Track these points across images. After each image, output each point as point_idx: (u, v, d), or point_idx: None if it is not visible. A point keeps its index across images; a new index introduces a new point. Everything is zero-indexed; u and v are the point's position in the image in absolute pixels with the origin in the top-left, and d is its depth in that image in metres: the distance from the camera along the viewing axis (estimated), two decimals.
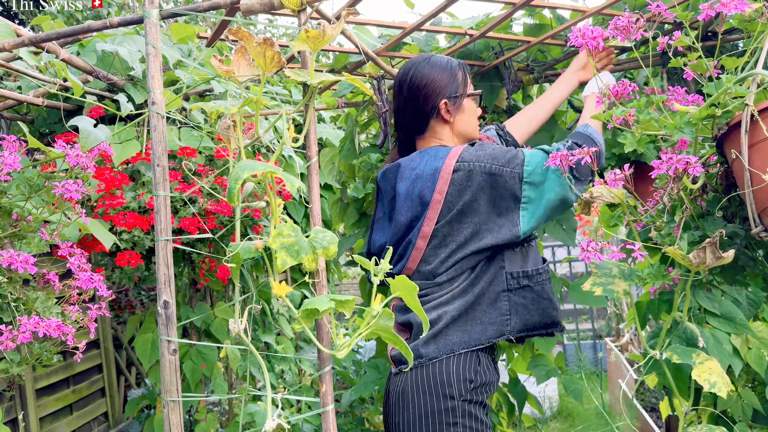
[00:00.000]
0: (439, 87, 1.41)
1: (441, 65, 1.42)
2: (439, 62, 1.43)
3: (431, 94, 1.41)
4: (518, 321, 1.37)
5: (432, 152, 1.38)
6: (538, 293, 1.39)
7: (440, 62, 1.43)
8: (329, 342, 0.99)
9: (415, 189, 1.36)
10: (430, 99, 1.41)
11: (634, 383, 3.48)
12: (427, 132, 1.45)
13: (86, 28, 1.18)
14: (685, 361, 1.13)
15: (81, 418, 3.19)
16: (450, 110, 1.42)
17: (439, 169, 1.33)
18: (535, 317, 1.39)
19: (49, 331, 1.14)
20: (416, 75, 1.43)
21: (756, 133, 0.94)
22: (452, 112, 1.43)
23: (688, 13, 1.18)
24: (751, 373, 1.46)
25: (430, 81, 1.41)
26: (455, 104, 1.43)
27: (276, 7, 1.06)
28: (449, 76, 1.42)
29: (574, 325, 6.13)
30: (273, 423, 0.82)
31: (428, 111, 1.42)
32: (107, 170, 1.68)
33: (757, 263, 1.11)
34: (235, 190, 0.86)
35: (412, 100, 1.43)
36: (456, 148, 1.36)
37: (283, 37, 7.10)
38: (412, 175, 1.38)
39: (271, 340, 2.62)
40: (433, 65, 1.42)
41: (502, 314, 1.36)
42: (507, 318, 1.36)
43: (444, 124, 1.44)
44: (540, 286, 1.40)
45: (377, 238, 1.49)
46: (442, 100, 1.41)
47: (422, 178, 1.35)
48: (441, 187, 1.32)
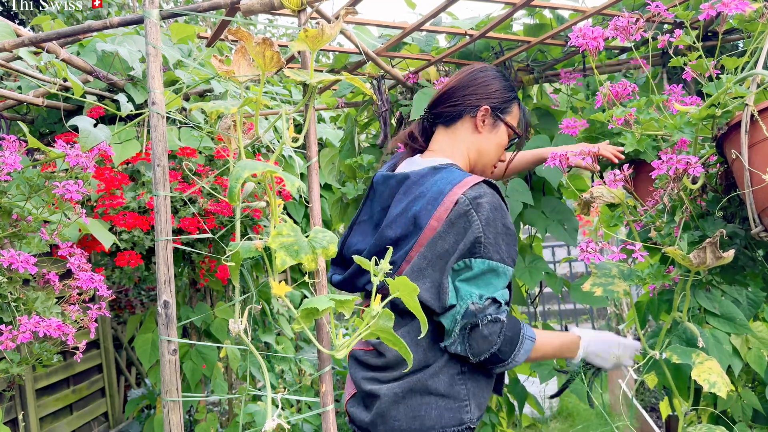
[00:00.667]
0: (492, 92, 1.35)
1: (506, 83, 1.38)
2: (505, 79, 1.39)
3: (482, 92, 1.35)
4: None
5: (446, 174, 1.27)
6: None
7: (505, 79, 1.39)
8: (329, 342, 0.99)
9: (412, 207, 1.25)
10: (477, 95, 1.34)
11: (634, 383, 3.48)
12: (451, 127, 1.37)
13: (86, 28, 1.18)
14: (685, 361, 1.13)
15: (81, 418, 3.19)
16: (485, 121, 1.35)
17: (445, 194, 1.22)
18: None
19: (49, 331, 1.14)
20: (484, 70, 1.37)
21: (756, 133, 0.94)
22: (487, 124, 1.35)
23: (689, 13, 1.18)
24: (751, 373, 1.46)
25: (489, 82, 1.35)
26: (494, 120, 1.36)
27: (276, 7, 1.06)
28: (506, 94, 1.36)
29: (575, 325, 6.12)
30: (273, 423, 0.82)
31: (464, 106, 1.35)
32: (107, 170, 1.68)
33: (757, 263, 1.12)
34: (236, 189, 0.86)
35: (462, 87, 1.36)
36: (472, 178, 1.24)
37: (283, 37, 7.10)
38: (417, 191, 1.27)
39: (271, 340, 2.62)
40: (499, 77, 1.38)
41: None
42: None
43: (473, 131, 1.36)
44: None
45: (355, 241, 1.38)
46: (486, 105, 1.34)
47: (424, 197, 1.25)
48: (440, 214, 1.21)
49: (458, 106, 1.35)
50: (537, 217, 1.90)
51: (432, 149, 1.38)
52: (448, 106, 1.36)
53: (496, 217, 1.20)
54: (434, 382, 1.22)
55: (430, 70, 2.00)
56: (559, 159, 1.20)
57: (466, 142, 1.36)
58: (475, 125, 1.35)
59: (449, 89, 1.37)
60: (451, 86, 1.37)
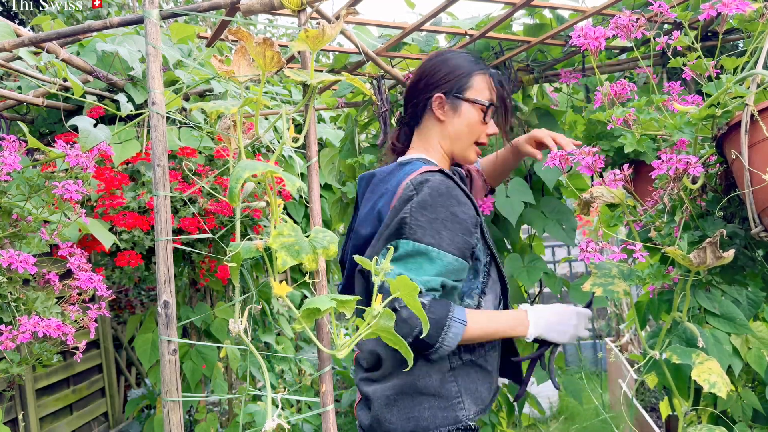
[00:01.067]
0: (439, 79, 1.32)
1: (454, 61, 1.33)
2: (455, 57, 1.34)
3: (431, 82, 1.32)
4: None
5: (410, 167, 1.28)
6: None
7: (456, 58, 1.34)
8: (329, 342, 0.99)
9: (378, 204, 1.27)
10: (428, 88, 1.33)
11: (634, 383, 3.48)
12: (420, 125, 1.37)
13: (86, 28, 1.18)
14: (685, 361, 1.13)
15: (81, 418, 3.19)
16: (444, 107, 1.32)
17: (400, 184, 1.23)
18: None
19: (49, 331, 1.14)
20: (428, 63, 1.35)
21: (756, 133, 0.94)
22: (447, 110, 1.32)
23: (688, 13, 1.18)
24: (751, 373, 1.46)
25: (432, 71, 1.33)
26: (453, 103, 1.32)
27: (276, 7, 1.06)
28: (456, 72, 1.32)
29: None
30: (273, 423, 0.82)
31: (422, 101, 1.34)
32: (107, 170, 1.68)
33: (757, 263, 1.12)
34: (236, 189, 0.86)
35: (414, 85, 1.36)
36: (429, 167, 1.25)
37: (283, 37, 7.10)
38: (382, 188, 1.28)
39: (271, 340, 2.62)
40: (447, 59, 1.34)
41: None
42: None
43: (436, 122, 1.34)
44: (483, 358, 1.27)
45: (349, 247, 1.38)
46: (437, 94, 1.32)
47: (387, 193, 1.26)
48: (393, 203, 1.22)
49: (417, 105, 1.35)
50: (536, 216, 1.89)
51: (411, 150, 1.39)
52: (410, 108, 1.38)
53: (436, 202, 1.18)
54: (424, 382, 1.21)
55: None
56: (559, 159, 1.20)
57: (435, 134, 1.35)
58: (436, 117, 1.34)
59: (407, 91, 1.39)
60: (408, 87, 1.39)
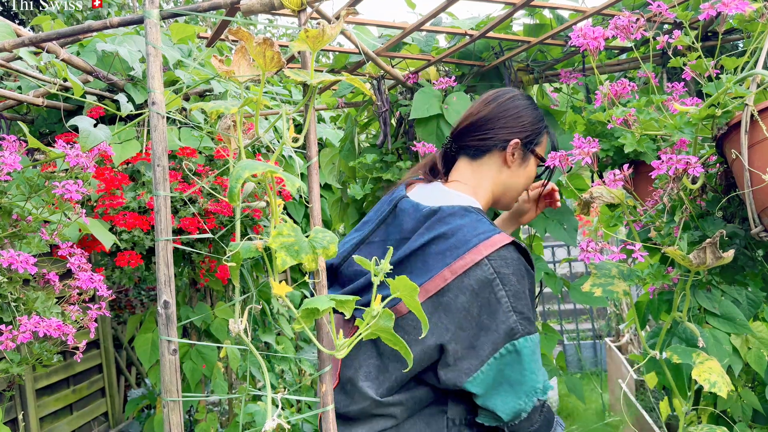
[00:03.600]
0: (524, 124, 1.25)
1: (537, 111, 1.29)
2: (535, 107, 1.29)
3: (513, 125, 1.25)
4: None
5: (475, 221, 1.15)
6: None
7: (535, 106, 1.30)
8: (329, 342, 0.99)
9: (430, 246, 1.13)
10: (508, 129, 1.25)
11: (634, 383, 3.48)
12: (477, 160, 1.27)
13: (86, 28, 1.18)
14: (685, 361, 1.13)
15: (81, 418, 3.19)
16: (515, 154, 1.26)
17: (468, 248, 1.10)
18: None
19: (49, 331, 1.14)
20: (514, 100, 1.27)
21: (756, 133, 0.94)
22: (516, 158, 1.26)
23: (688, 13, 1.18)
24: (751, 373, 1.46)
25: (521, 113, 1.26)
26: (524, 153, 1.26)
27: (276, 7, 1.06)
28: (537, 125, 1.27)
29: (574, 325, 6.13)
30: (273, 423, 0.82)
31: (496, 140, 1.25)
32: (107, 170, 1.68)
33: (757, 263, 1.12)
34: (236, 189, 0.86)
35: (492, 119, 1.25)
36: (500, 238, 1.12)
37: (283, 37, 7.10)
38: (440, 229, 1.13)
39: (271, 340, 2.62)
40: (531, 106, 1.28)
41: None
42: None
43: (501, 165, 1.26)
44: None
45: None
46: (517, 139, 1.24)
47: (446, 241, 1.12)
48: (456, 268, 1.09)
49: (488, 141, 1.25)
50: (536, 217, 1.90)
51: (455, 179, 1.28)
52: (477, 140, 1.26)
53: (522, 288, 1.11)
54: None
55: (430, 70, 2.01)
56: (559, 159, 1.20)
57: (493, 176, 1.27)
58: (504, 159, 1.26)
59: (477, 120, 1.27)
60: (480, 117, 1.27)
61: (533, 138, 1.26)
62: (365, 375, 1.15)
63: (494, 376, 1.08)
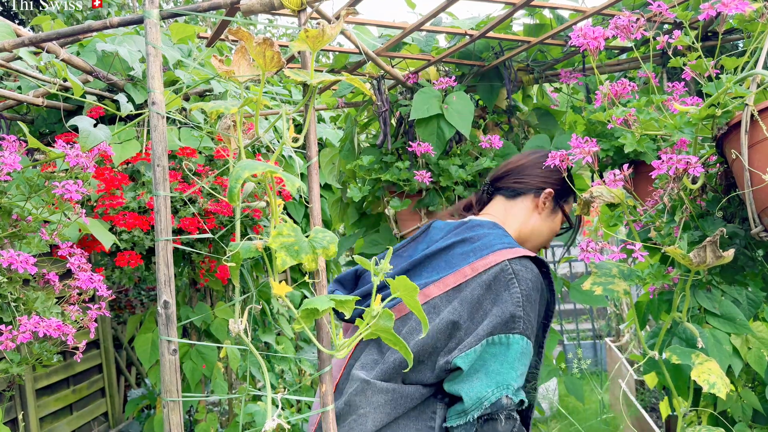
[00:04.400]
0: (559, 178, 1.34)
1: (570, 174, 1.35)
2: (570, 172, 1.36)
3: (550, 176, 1.34)
4: None
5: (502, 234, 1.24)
6: None
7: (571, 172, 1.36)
8: (329, 342, 0.99)
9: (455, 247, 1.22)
10: (544, 178, 1.34)
11: (634, 383, 3.48)
12: (511, 200, 1.36)
13: (86, 28, 1.18)
14: (685, 362, 1.13)
15: (81, 418, 3.19)
16: (546, 203, 1.35)
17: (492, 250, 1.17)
18: None
19: (49, 331, 1.14)
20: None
21: (756, 133, 0.94)
22: (547, 207, 1.35)
23: (688, 13, 1.18)
24: (751, 373, 1.46)
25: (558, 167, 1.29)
26: (554, 205, 1.36)
27: (276, 7, 1.06)
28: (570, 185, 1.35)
29: (574, 325, 6.14)
30: (273, 423, 0.82)
31: (533, 184, 1.35)
32: (107, 170, 1.68)
33: (757, 263, 1.12)
34: (236, 189, 0.86)
35: (533, 166, 1.36)
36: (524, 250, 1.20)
37: (283, 37, 7.10)
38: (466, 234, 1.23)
39: (271, 340, 2.62)
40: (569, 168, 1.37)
41: None
42: None
43: (532, 210, 1.35)
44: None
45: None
46: (551, 189, 1.34)
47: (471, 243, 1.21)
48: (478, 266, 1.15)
49: (524, 184, 1.36)
50: None
51: (487, 212, 1.38)
52: (513, 182, 1.37)
53: (535, 297, 1.15)
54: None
55: (430, 70, 2.00)
56: (559, 158, 1.20)
57: (523, 217, 1.35)
58: (536, 205, 1.35)
59: (520, 166, 1.39)
60: (521, 164, 1.39)
61: (565, 194, 1.37)
62: (362, 366, 1.19)
63: (477, 359, 1.10)
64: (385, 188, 1.99)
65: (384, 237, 2.03)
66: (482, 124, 2.04)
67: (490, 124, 2.06)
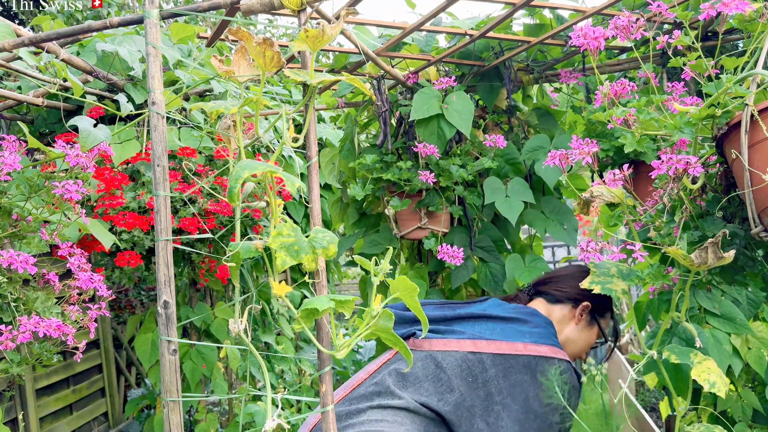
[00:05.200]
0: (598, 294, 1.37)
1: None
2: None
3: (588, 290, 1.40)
4: None
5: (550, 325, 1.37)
6: None
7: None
8: (329, 342, 0.99)
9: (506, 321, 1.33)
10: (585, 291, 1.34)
11: (634, 383, 3.47)
12: (553, 306, 1.45)
13: (86, 28, 1.18)
14: (683, 361, 1.13)
15: (81, 418, 3.19)
16: (583, 315, 1.42)
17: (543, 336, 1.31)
18: None
19: (49, 331, 1.14)
20: None
21: (756, 133, 0.94)
22: (584, 319, 1.43)
23: (688, 13, 1.18)
24: (751, 373, 1.46)
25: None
26: (590, 319, 1.43)
27: (276, 7, 1.06)
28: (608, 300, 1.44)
29: None
30: (273, 423, 0.82)
31: (574, 294, 1.42)
32: (107, 170, 1.68)
33: (757, 263, 1.11)
34: (236, 189, 0.86)
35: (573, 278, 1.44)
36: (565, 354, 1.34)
37: (283, 37, 7.11)
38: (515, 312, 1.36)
39: (271, 340, 2.62)
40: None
41: None
42: None
43: (570, 319, 1.43)
44: None
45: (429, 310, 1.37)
46: (588, 303, 1.41)
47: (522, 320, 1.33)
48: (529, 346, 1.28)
49: (564, 292, 1.44)
50: (536, 217, 1.90)
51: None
52: (554, 288, 1.46)
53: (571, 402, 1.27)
54: None
55: (430, 70, 2.00)
56: (559, 158, 1.20)
57: (561, 323, 1.43)
58: (573, 315, 1.43)
59: (559, 276, 1.48)
60: (562, 274, 1.49)
61: (602, 310, 1.44)
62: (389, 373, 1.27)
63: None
64: (385, 188, 1.99)
65: (384, 237, 2.03)
66: (482, 124, 2.04)
67: (490, 124, 2.06)
